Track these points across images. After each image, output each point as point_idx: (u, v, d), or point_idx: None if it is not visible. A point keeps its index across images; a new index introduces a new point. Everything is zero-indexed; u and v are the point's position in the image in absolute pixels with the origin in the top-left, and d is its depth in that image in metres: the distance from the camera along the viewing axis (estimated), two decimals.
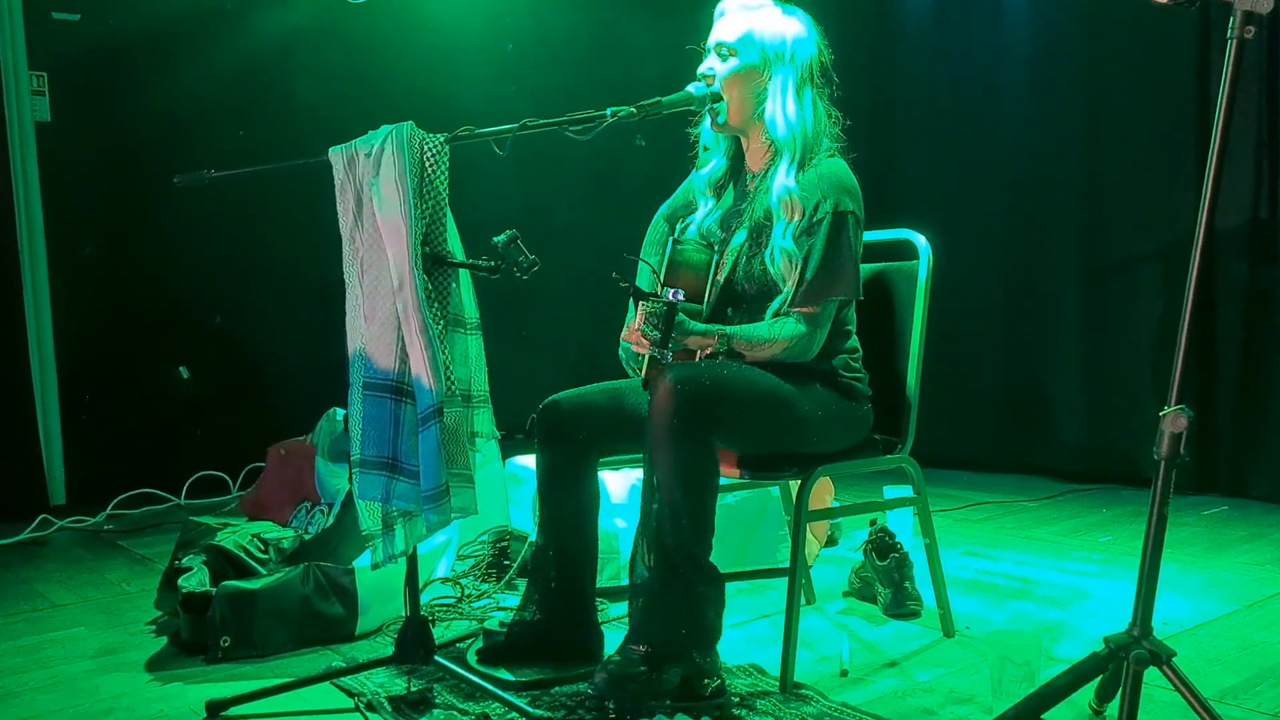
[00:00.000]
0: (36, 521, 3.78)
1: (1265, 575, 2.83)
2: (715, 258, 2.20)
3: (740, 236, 2.21)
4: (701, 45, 2.23)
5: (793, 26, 2.18)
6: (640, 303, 2.03)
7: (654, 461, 1.93)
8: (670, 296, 1.93)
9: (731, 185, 2.32)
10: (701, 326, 2.08)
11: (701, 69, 2.19)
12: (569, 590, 2.22)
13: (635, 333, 2.08)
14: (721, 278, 2.20)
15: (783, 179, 2.13)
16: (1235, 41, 1.61)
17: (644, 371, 2.18)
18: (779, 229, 2.12)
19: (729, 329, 2.09)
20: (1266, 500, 3.70)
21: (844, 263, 2.09)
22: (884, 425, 2.31)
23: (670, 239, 2.22)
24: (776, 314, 2.13)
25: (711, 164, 2.32)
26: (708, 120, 2.26)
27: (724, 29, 2.18)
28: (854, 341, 2.25)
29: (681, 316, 2.03)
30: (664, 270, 2.18)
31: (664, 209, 2.42)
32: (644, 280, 2.25)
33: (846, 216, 2.10)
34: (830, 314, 2.13)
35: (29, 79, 4.06)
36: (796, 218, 2.10)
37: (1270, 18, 1.61)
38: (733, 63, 2.16)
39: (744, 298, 2.19)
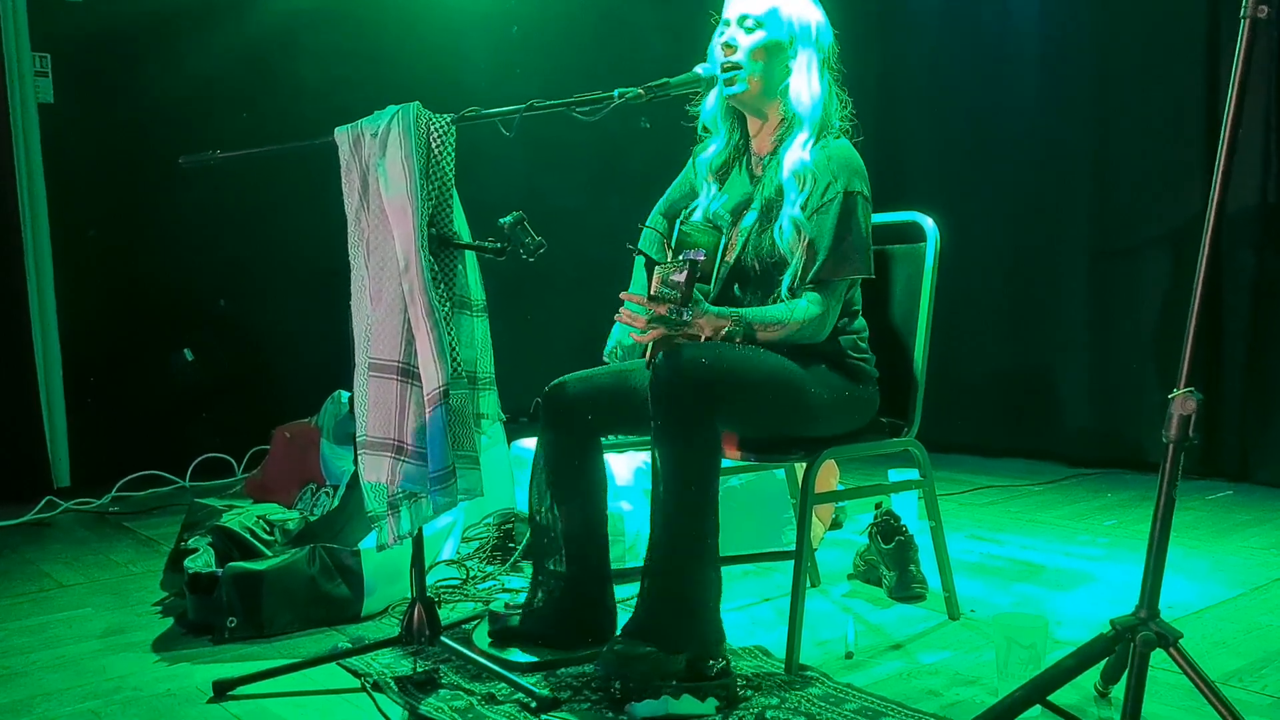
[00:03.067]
0: (42, 503, 3.79)
1: (1271, 559, 2.83)
2: (723, 240, 2.20)
3: (750, 218, 2.20)
4: (715, 18, 2.22)
5: (815, 13, 2.21)
6: (656, 269, 1.99)
7: (658, 444, 1.92)
8: (692, 255, 1.89)
9: (736, 170, 2.31)
10: (716, 309, 2.06)
11: (724, 38, 2.17)
12: (579, 573, 2.22)
13: (649, 300, 1.97)
14: (731, 258, 2.19)
15: (798, 152, 2.13)
16: (1248, 21, 1.59)
17: (648, 354, 2.17)
18: (789, 200, 2.12)
19: (743, 310, 2.08)
20: (1272, 485, 3.70)
21: (855, 243, 2.10)
22: (890, 408, 2.31)
23: (678, 222, 2.22)
24: (790, 289, 2.12)
25: (713, 148, 2.31)
26: (710, 99, 2.25)
27: (747, 2, 2.17)
28: (861, 321, 2.25)
29: (697, 295, 2.01)
30: (672, 252, 2.16)
31: (660, 205, 2.42)
32: (651, 248, 2.24)
33: (856, 197, 2.10)
34: (841, 293, 2.13)
35: (32, 60, 4.05)
36: (808, 191, 2.11)
37: None
38: (759, 35, 2.15)
39: (751, 276, 2.19)
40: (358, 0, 4.65)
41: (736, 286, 2.22)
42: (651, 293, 1.95)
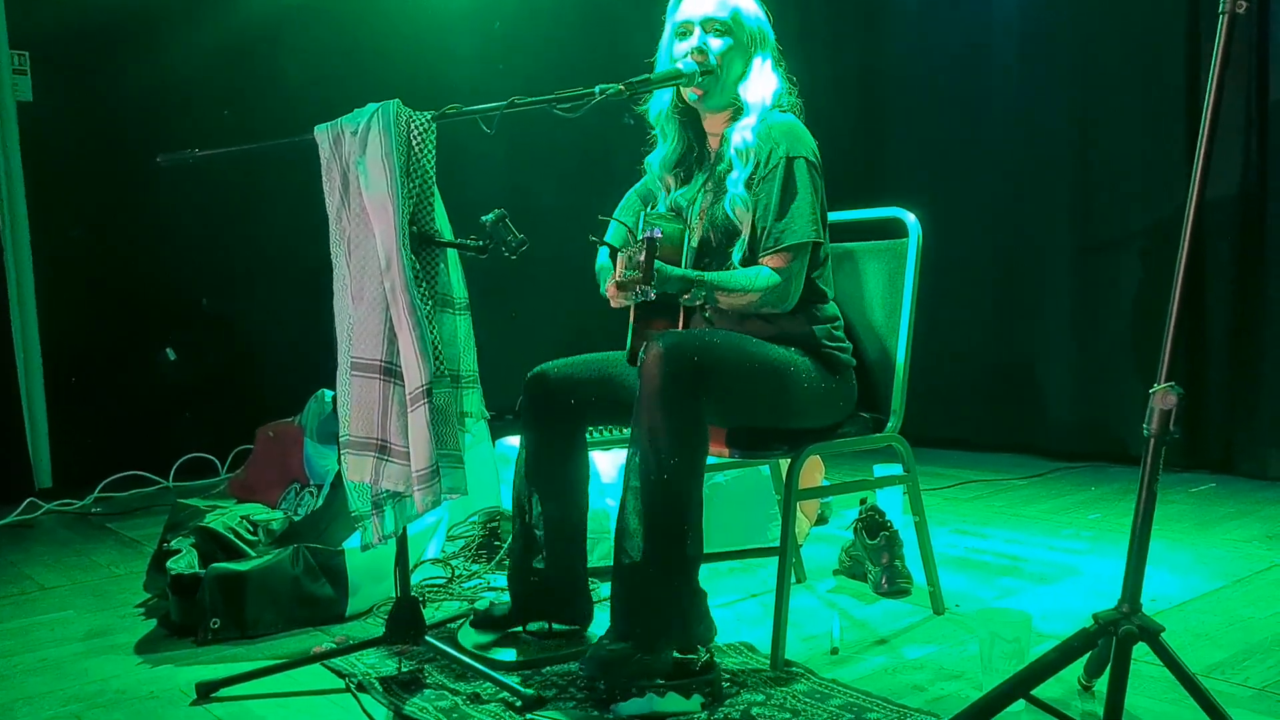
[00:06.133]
0: (23, 505, 3.76)
1: (1253, 551, 2.85)
2: (687, 228, 2.21)
3: (705, 200, 2.24)
4: (663, 22, 2.24)
5: (758, 9, 2.25)
6: (619, 253, 2.03)
7: (644, 428, 1.91)
8: (650, 233, 1.92)
9: (695, 165, 2.33)
10: (680, 271, 2.08)
11: (693, 43, 2.18)
12: (560, 566, 2.22)
13: (613, 285, 2.08)
14: (695, 241, 2.21)
15: (741, 134, 2.16)
16: (1227, 16, 1.60)
17: (628, 346, 2.17)
18: (733, 177, 2.15)
19: (708, 275, 2.10)
20: (1254, 477, 3.72)
21: (801, 206, 2.11)
22: (874, 403, 2.31)
23: (641, 212, 2.24)
24: (744, 260, 2.14)
25: (663, 149, 2.34)
26: (657, 102, 2.29)
27: (708, 5, 2.18)
28: (834, 308, 2.25)
29: (660, 264, 2.03)
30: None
31: (636, 187, 2.44)
32: (618, 238, 2.27)
33: (798, 161, 2.13)
34: (804, 262, 2.14)
35: (10, 58, 4.01)
36: (750, 165, 2.14)
37: None
38: (727, 39, 2.18)
39: (713, 250, 2.21)
40: None
41: (705, 262, 2.23)
42: (617, 278, 2.02)
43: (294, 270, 4.18)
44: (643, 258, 1.91)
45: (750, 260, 2.15)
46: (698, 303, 2.10)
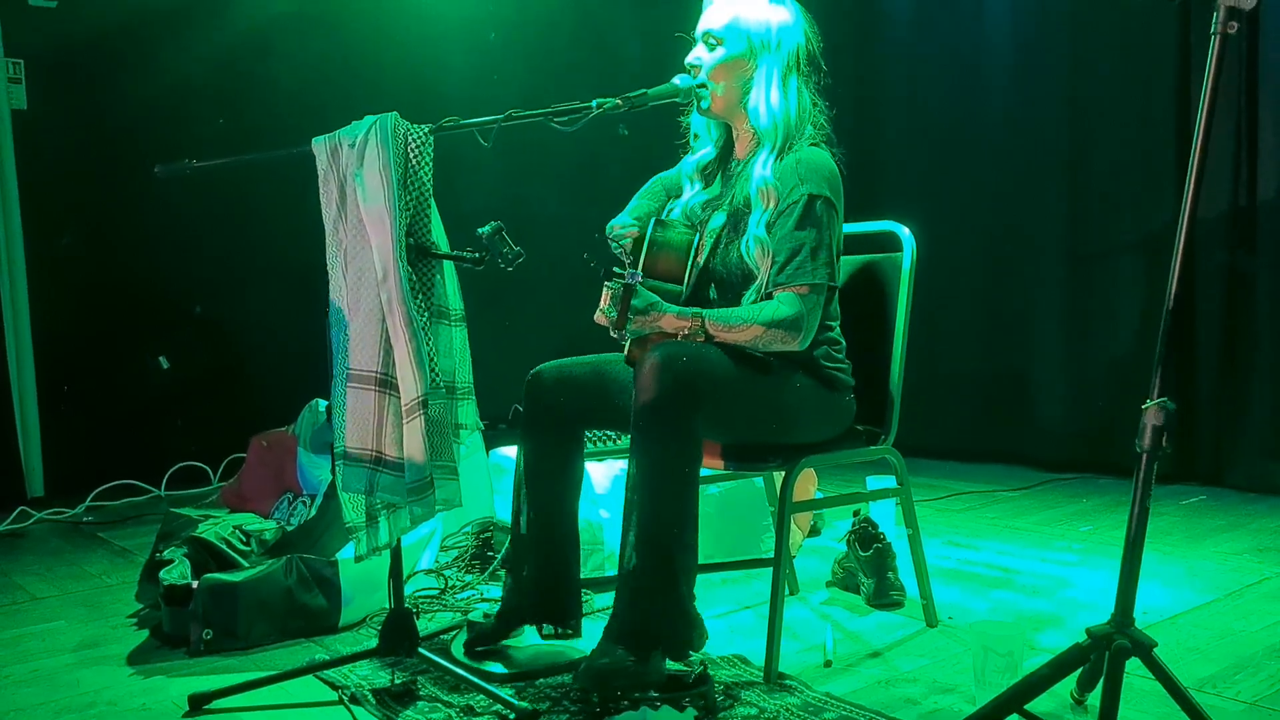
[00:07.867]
0: (15, 514, 3.75)
1: (1243, 564, 2.86)
2: (696, 239, 2.20)
3: (719, 219, 2.22)
4: (690, 34, 2.23)
5: (779, 14, 2.17)
6: (605, 285, 2.04)
7: (638, 442, 1.92)
8: (629, 278, 1.93)
9: (720, 172, 2.33)
10: (677, 309, 2.07)
11: (689, 59, 2.19)
12: (554, 576, 2.22)
13: (600, 313, 2.09)
14: (701, 260, 2.20)
15: (760, 169, 2.13)
16: (1218, 37, 1.61)
17: (626, 349, 2.18)
18: (754, 217, 2.12)
19: (705, 311, 2.08)
20: (1244, 490, 3.74)
21: (816, 247, 2.07)
22: (867, 416, 2.32)
23: (653, 219, 2.21)
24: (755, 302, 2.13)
25: (702, 150, 2.33)
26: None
27: (711, 17, 2.18)
28: (836, 334, 2.24)
29: (655, 298, 2.04)
30: (645, 250, 2.16)
31: (662, 175, 2.42)
32: (641, 211, 2.26)
33: (818, 201, 2.08)
34: (818, 303, 2.09)
35: (5, 66, 4.01)
36: (772, 205, 2.10)
37: (1251, 12, 1.62)
38: (719, 52, 2.16)
39: (724, 283, 2.20)
40: (335, 5, 4.63)
41: (712, 289, 2.22)
42: (601, 305, 2.06)
43: (288, 278, 4.18)
44: (619, 303, 1.92)
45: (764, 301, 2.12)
46: (697, 340, 2.05)
